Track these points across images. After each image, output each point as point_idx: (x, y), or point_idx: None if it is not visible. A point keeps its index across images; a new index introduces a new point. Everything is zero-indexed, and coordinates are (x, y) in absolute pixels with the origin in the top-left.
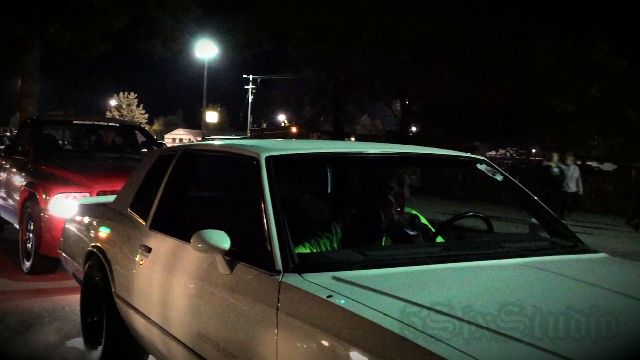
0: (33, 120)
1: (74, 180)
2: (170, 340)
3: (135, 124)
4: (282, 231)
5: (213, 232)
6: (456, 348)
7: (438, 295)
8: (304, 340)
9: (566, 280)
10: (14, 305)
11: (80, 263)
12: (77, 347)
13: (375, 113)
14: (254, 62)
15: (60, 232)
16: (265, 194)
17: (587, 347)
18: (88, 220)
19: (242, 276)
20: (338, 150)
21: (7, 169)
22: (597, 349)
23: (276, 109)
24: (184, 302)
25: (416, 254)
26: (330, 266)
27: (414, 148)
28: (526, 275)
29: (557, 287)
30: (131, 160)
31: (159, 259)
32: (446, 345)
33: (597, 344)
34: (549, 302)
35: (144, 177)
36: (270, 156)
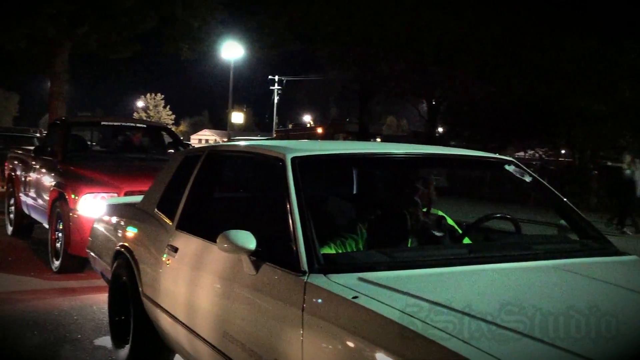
0: (62, 122)
1: (102, 181)
2: (196, 340)
3: (162, 124)
4: (308, 232)
5: (239, 233)
6: (483, 350)
7: (465, 297)
8: (330, 341)
9: (595, 283)
10: (43, 304)
11: (108, 262)
12: (104, 346)
13: (401, 113)
14: (280, 62)
15: (88, 231)
16: (290, 195)
17: (615, 350)
18: (116, 220)
19: (267, 276)
20: (363, 151)
21: (37, 170)
22: (625, 353)
23: (302, 109)
24: (210, 302)
25: (442, 255)
26: (356, 267)
27: (440, 149)
28: (554, 277)
29: (585, 289)
30: (158, 160)
31: (185, 258)
32: (472, 348)
33: (624, 347)
34: (576, 304)
35: (170, 178)
36: (295, 157)
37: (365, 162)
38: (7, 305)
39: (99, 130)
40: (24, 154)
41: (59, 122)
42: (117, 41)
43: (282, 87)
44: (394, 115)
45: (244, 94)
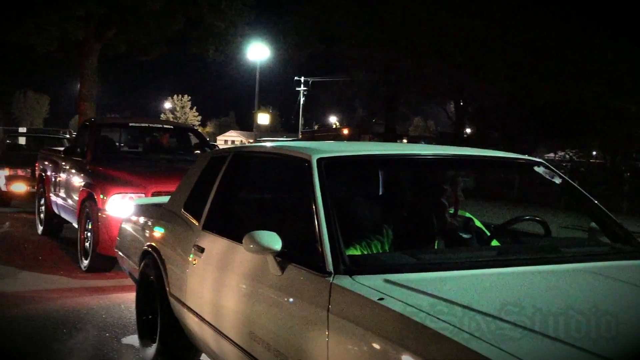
0: (91, 123)
1: (130, 181)
2: (222, 339)
3: (189, 126)
4: (333, 233)
5: (265, 233)
6: (512, 354)
7: (492, 300)
8: (355, 343)
9: (626, 287)
10: (72, 302)
11: (136, 262)
12: (132, 344)
13: (428, 114)
14: (306, 64)
15: (116, 231)
16: (316, 196)
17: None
18: (143, 220)
19: (293, 277)
20: (390, 152)
21: (66, 170)
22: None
23: (327, 110)
24: (236, 302)
25: (470, 257)
26: (382, 268)
27: (468, 150)
28: (584, 280)
29: (616, 293)
30: (185, 161)
31: (211, 259)
32: (501, 351)
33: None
34: (605, 308)
35: (197, 179)
36: (321, 158)
37: (392, 163)
38: (37, 303)
39: (128, 132)
40: (54, 154)
41: (88, 124)
42: (145, 43)
43: (308, 88)
44: (421, 116)
45: (270, 95)
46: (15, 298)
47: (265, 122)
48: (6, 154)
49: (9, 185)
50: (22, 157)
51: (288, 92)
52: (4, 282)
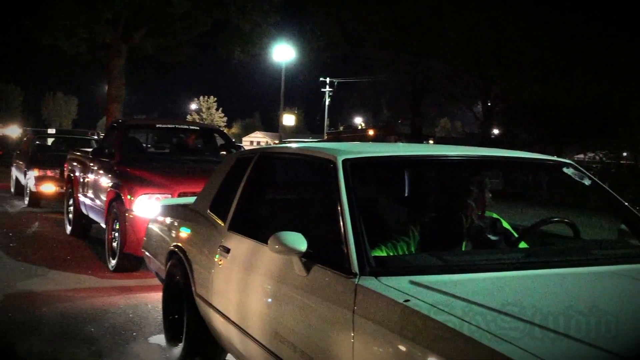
0: (119, 124)
1: (157, 182)
2: (248, 340)
3: (215, 127)
4: (359, 234)
5: (290, 234)
6: (541, 358)
7: (520, 303)
8: (381, 344)
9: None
10: (100, 301)
11: (162, 262)
12: (159, 343)
13: (455, 115)
14: (331, 64)
15: (143, 231)
16: (341, 197)
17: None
18: (169, 220)
19: (318, 278)
20: (415, 153)
21: (94, 171)
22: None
23: (353, 111)
24: (262, 303)
25: (497, 259)
26: (408, 270)
27: (495, 151)
28: (614, 283)
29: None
30: (211, 162)
31: (237, 259)
32: (531, 355)
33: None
34: (635, 310)
35: (222, 179)
36: (347, 159)
37: (417, 164)
38: (66, 302)
39: (154, 133)
40: (83, 155)
41: (116, 125)
42: (172, 45)
43: (334, 89)
44: (448, 117)
45: (296, 96)
46: (44, 297)
47: (291, 123)
48: (36, 155)
49: (38, 186)
50: (51, 158)
51: (313, 93)
52: (33, 281)
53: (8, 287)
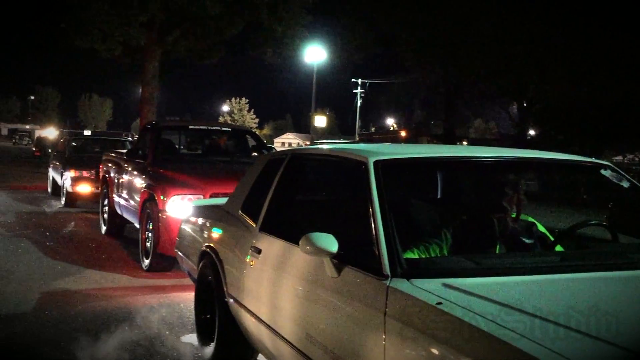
0: (152, 126)
1: (189, 183)
2: (278, 340)
3: (247, 128)
4: (390, 236)
5: (321, 235)
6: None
7: (555, 307)
8: (413, 347)
9: None
10: (134, 300)
11: (195, 262)
12: (191, 343)
13: (490, 116)
14: (363, 65)
15: (176, 231)
16: (373, 198)
17: None
18: (202, 221)
19: (349, 280)
20: (448, 155)
21: (129, 172)
22: None
23: (385, 112)
24: (292, 303)
25: (532, 263)
26: (440, 272)
27: (531, 152)
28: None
29: None
30: (242, 163)
31: (268, 260)
32: (564, 359)
33: None
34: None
35: (254, 180)
36: (378, 160)
37: (450, 166)
38: (100, 300)
39: (187, 134)
40: (117, 156)
41: (149, 126)
42: (204, 47)
43: (365, 90)
44: (482, 118)
45: (327, 97)
46: (80, 295)
47: (322, 125)
48: (72, 156)
49: (74, 186)
50: (87, 159)
51: (345, 94)
52: (69, 279)
53: (45, 285)
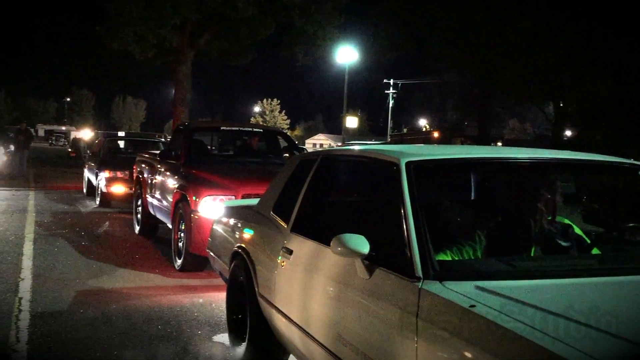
0: (185, 127)
1: (221, 184)
2: (309, 341)
3: (278, 129)
4: (423, 237)
5: (352, 236)
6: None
7: (591, 310)
8: (445, 350)
9: None
10: (166, 300)
11: (226, 262)
12: (222, 342)
13: (525, 116)
14: (395, 66)
15: (208, 232)
16: (405, 200)
17: None
18: (233, 222)
19: (381, 281)
20: (482, 156)
21: (161, 173)
22: None
23: (417, 113)
24: (324, 304)
25: (568, 265)
26: (474, 275)
27: (567, 153)
28: None
29: None
30: (274, 164)
31: (299, 261)
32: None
33: None
34: None
35: (285, 181)
36: (410, 161)
37: (484, 167)
38: (134, 300)
39: (219, 135)
40: (150, 157)
41: (182, 128)
42: (236, 49)
43: (398, 90)
44: (517, 118)
45: (359, 98)
46: (113, 294)
47: (354, 125)
48: (106, 157)
49: (109, 187)
50: (121, 160)
51: (377, 95)
52: (103, 278)
53: (80, 284)
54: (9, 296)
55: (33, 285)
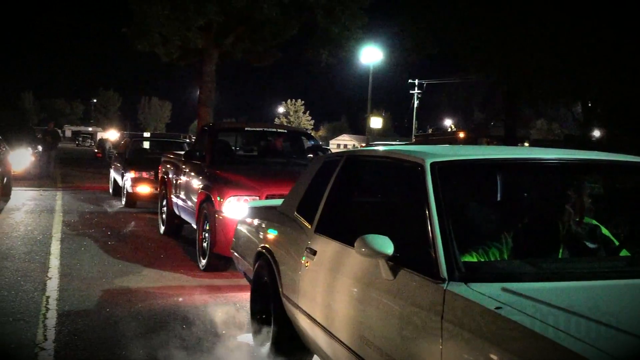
0: (209, 128)
1: (245, 184)
2: (333, 342)
3: (302, 130)
4: (448, 238)
5: (377, 237)
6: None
7: (619, 313)
8: (471, 352)
9: None
10: (191, 300)
11: (250, 263)
12: (247, 342)
13: (553, 116)
14: (420, 66)
15: (232, 232)
16: (430, 200)
17: None
18: (257, 222)
19: (405, 282)
20: (508, 157)
21: (186, 173)
22: None
23: (442, 113)
24: (348, 305)
25: (596, 267)
26: (500, 276)
27: (595, 154)
28: None
29: None
30: (298, 165)
31: (323, 261)
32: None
33: None
34: None
35: (309, 182)
36: (435, 162)
37: (510, 167)
38: (159, 299)
39: (243, 136)
40: (175, 158)
41: (206, 128)
42: (260, 50)
43: (422, 90)
44: (544, 119)
45: (383, 98)
46: (139, 293)
47: (378, 126)
48: (132, 158)
49: (134, 187)
50: (147, 161)
51: (401, 95)
52: (129, 278)
53: (107, 283)
54: (37, 295)
55: (60, 284)
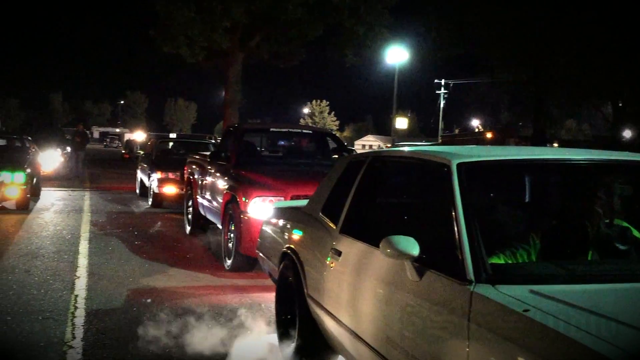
0: (235, 128)
1: (271, 185)
2: (358, 343)
3: (327, 130)
4: (475, 240)
5: (402, 238)
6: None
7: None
8: (498, 354)
9: None
10: (216, 299)
11: (276, 263)
12: (271, 342)
13: (583, 117)
14: (446, 65)
15: (257, 233)
16: (456, 202)
17: None
18: (283, 223)
19: (431, 284)
20: (536, 157)
21: (212, 174)
22: None
23: (470, 113)
24: (373, 306)
25: (626, 270)
26: (528, 279)
27: (626, 154)
28: None
29: None
30: (323, 166)
31: (348, 262)
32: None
33: None
34: None
35: (335, 183)
36: (462, 163)
37: (538, 168)
38: (185, 298)
39: (268, 136)
40: (201, 159)
41: (232, 129)
42: (285, 51)
43: (449, 90)
44: (574, 119)
45: (409, 99)
46: (166, 293)
47: (404, 126)
48: (158, 159)
49: (160, 188)
50: (173, 161)
51: (427, 95)
52: (156, 277)
53: (134, 283)
54: (65, 294)
55: (88, 283)
